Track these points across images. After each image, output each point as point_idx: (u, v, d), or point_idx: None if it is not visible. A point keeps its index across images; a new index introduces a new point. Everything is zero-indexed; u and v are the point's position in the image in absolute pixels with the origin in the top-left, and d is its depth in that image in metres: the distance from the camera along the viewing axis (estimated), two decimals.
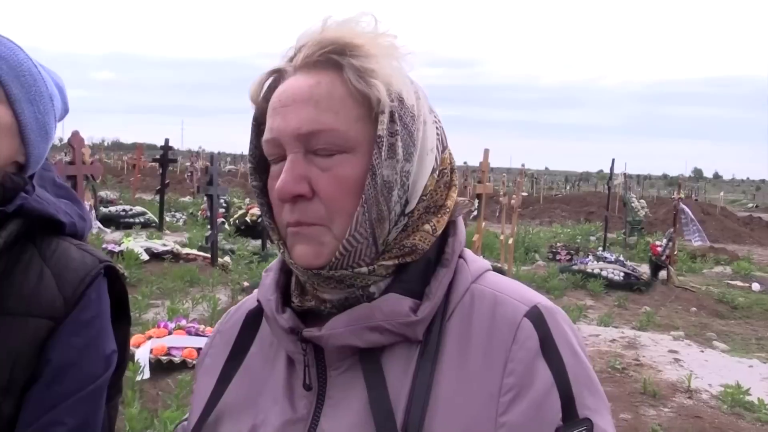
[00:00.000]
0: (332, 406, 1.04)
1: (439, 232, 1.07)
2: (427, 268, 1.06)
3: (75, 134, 8.80)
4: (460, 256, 1.10)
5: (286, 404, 1.07)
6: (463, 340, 1.02)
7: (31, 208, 1.39)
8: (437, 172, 1.08)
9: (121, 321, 1.51)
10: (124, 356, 1.52)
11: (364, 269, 1.02)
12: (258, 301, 1.16)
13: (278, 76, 1.07)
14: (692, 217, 15.36)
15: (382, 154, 1.00)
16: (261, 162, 1.11)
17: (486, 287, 1.08)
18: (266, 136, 1.05)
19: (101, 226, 14.49)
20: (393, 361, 1.02)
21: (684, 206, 15.32)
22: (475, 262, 1.12)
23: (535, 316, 1.02)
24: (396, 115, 1.01)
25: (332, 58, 1.02)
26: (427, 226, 1.06)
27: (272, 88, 1.07)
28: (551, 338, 1.01)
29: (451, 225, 1.11)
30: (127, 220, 17.42)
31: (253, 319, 1.19)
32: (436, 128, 1.09)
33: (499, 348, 1.00)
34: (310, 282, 1.06)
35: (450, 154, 1.13)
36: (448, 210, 1.09)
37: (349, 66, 1.00)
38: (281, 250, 1.08)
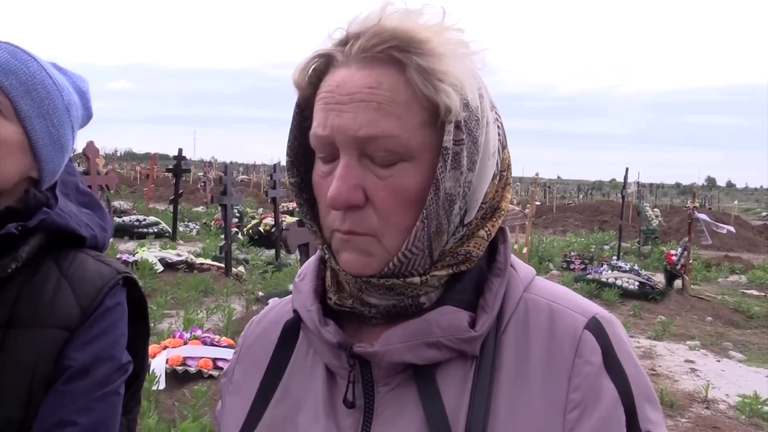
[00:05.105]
0: (383, 424, 0.98)
1: (493, 235, 1.02)
2: (480, 278, 1.02)
3: (90, 144, 8.86)
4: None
5: (330, 422, 1.01)
6: (520, 354, 0.98)
7: (53, 222, 1.39)
8: (497, 177, 1.02)
9: (140, 332, 1.53)
10: (143, 367, 1.53)
11: (417, 279, 0.97)
12: (295, 311, 1.09)
13: (326, 60, 0.98)
14: (708, 219, 15.17)
15: (447, 165, 0.93)
16: (299, 156, 1.05)
17: (539, 297, 1.03)
18: (317, 131, 0.96)
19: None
20: (448, 377, 0.97)
21: (699, 214, 15.19)
22: (522, 268, 1.07)
23: (596, 328, 0.98)
24: (462, 122, 0.94)
25: (394, 55, 0.92)
26: (482, 232, 1.01)
27: (318, 71, 0.99)
28: (613, 351, 0.97)
29: (500, 231, 1.05)
30: (140, 230, 17.45)
31: (290, 332, 1.12)
32: (497, 126, 1.02)
33: (560, 362, 0.96)
34: (356, 286, 1.00)
35: (508, 152, 1.06)
36: (502, 213, 1.04)
37: (415, 66, 0.91)
38: (326, 255, 1.03)
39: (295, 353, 1.12)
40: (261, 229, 17.47)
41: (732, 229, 15.51)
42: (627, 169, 20.18)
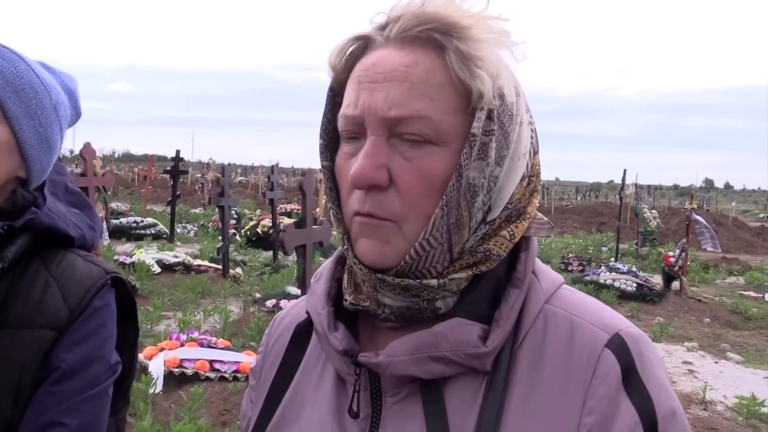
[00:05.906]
0: None
1: (517, 239, 0.96)
2: (497, 289, 0.95)
3: (86, 146, 8.84)
4: (532, 272, 0.99)
5: (335, 429, 0.98)
6: (535, 371, 0.92)
7: (41, 222, 1.39)
8: (526, 180, 0.97)
9: (129, 333, 1.52)
10: (132, 367, 1.54)
11: (434, 282, 0.92)
12: (307, 312, 1.05)
13: (364, 44, 0.96)
14: (706, 224, 15.15)
15: (473, 154, 0.89)
16: (332, 141, 1.00)
17: (560, 309, 0.96)
18: (347, 110, 0.93)
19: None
20: (456, 392, 0.92)
21: (697, 216, 15.19)
22: (547, 277, 1.01)
23: (618, 346, 0.91)
24: (495, 113, 0.90)
25: (434, 37, 0.90)
26: (504, 232, 0.95)
27: (355, 56, 0.96)
28: (635, 371, 0.90)
29: (524, 239, 0.99)
30: (138, 231, 17.48)
31: (302, 333, 1.09)
32: (531, 130, 0.98)
33: (576, 382, 0.89)
34: (371, 284, 0.96)
35: (539, 159, 1.01)
36: (528, 216, 0.98)
37: (454, 49, 0.89)
38: (344, 246, 0.98)
39: (307, 355, 1.09)
40: (259, 230, 17.45)
41: (713, 248, 15.41)
42: (625, 171, 20.21)
